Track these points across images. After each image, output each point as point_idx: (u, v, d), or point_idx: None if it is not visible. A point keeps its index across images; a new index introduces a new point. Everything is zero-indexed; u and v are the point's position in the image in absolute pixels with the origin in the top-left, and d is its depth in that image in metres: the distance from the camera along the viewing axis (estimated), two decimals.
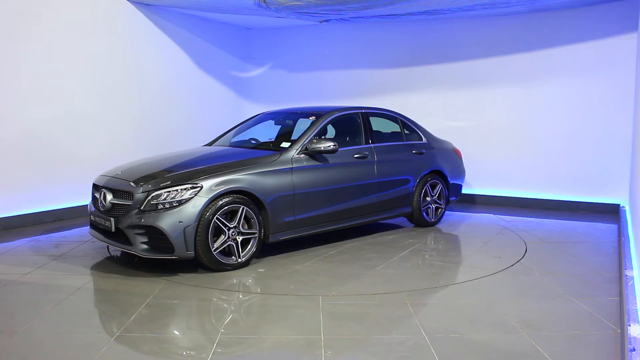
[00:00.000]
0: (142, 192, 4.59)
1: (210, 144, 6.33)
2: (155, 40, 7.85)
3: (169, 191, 4.55)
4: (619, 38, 7.15)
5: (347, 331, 3.50)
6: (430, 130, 8.51)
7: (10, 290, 4.24)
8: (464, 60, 8.23)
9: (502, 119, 8.04)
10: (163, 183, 4.62)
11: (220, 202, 4.61)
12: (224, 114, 8.96)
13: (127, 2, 7.38)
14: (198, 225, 4.50)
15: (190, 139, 8.33)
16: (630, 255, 4.72)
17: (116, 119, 7.37)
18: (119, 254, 5.30)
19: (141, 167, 5.14)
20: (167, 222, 4.44)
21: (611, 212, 7.24)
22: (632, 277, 4.02)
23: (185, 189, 4.56)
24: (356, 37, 8.93)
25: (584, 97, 7.44)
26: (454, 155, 7.10)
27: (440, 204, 6.69)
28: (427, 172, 6.48)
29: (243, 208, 4.74)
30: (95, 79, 7.07)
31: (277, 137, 6.13)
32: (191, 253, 4.53)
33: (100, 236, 4.97)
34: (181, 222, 4.45)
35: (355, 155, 5.78)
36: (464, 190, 8.36)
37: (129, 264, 4.94)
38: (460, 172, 7.09)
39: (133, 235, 4.54)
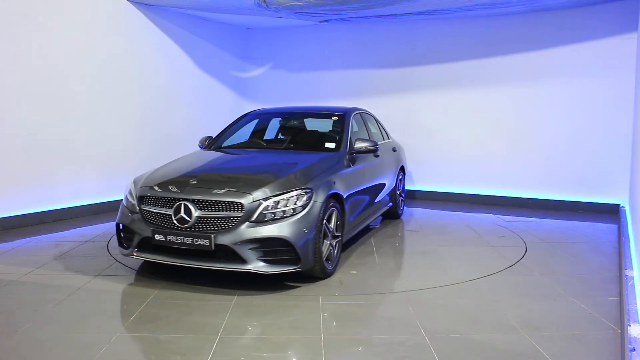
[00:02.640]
0: (254, 202, 4.12)
1: (210, 146, 5.92)
2: (155, 40, 7.86)
3: (284, 198, 4.18)
4: (619, 38, 7.15)
5: (347, 331, 3.50)
6: (430, 130, 8.55)
7: (10, 290, 4.24)
8: (464, 60, 8.23)
9: (502, 119, 8.04)
10: (277, 190, 4.22)
11: (327, 206, 4.44)
12: (224, 114, 8.95)
13: (127, 2, 7.38)
14: (317, 232, 4.24)
15: (190, 138, 8.32)
16: (630, 255, 4.72)
17: (116, 119, 7.37)
18: (119, 254, 5.29)
19: (215, 174, 4.67)
20: (292, 231, 4.07)
21: (611, 212, 7.24)
22: (632, 277, 4.02)
23: (300, 194, 4.23)
24: (356, 37, 8.93)
25: (584, 97, 7.44)
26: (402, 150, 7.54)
27: (403, 196, 7.31)
28: (399, 167, 7.03)
29: (334, 210, 4.61)
30: (95, 79, 7.07)
31: (293, 137, 6.06)
32: (311, 263, 4.24)
33: (173, 259, 4.24)
34: (305, 230, 4.13)
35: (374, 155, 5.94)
36: (465, 190, 8.38)
37: (129, 264, 4.94)
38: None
39: (246, 251, 4.03)
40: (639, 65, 6.20)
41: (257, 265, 4.05)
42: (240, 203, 4.11)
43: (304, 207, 4.20)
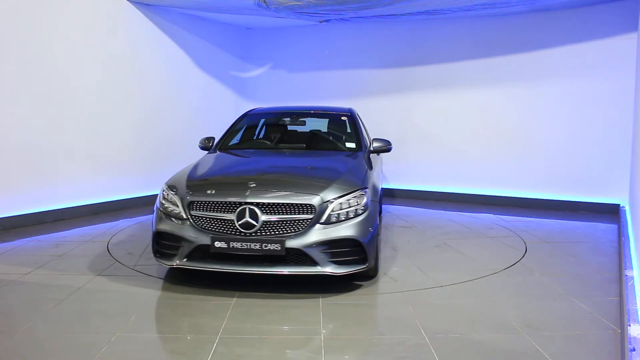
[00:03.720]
0: (323, 203, 4.07)
1: (221, 147, 5.73)
2: (155, 40, 7.86)
3: (348, 199, 4.17)
4: (619, 38, 7.15)
5: (347, 331, 3.50)
6: (430, 129, 8.55)
7: (10, 290, 4.24)
8: (464, 60, 8.23)
9: (502, 119, 8.04)
10: (341, 191, 4.20)
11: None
12: (223, 114, 8.95)
13: (128, 2, 7.38)
14: (377, 230, 4.27)
15: (190, 138, 8.32)
16: (630, 255, 4.72)
17: (116, 119, 7.37)
18: (119, 254, 5.30)
19: (269, 177, 4.53)
20: (361, 231, 4.07)
21: (611, 212, 7.24)
22: (632, 277, 4.02)
23: (361, 194, 4.24)
24: (356, 37, 8.92)
25: (584, 97, 7.44)
26: None
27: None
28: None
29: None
30: (95, 79, 7.07)
31: (311, 138, 6.04)
32: (373, 262, 4.24)
33: (234, 267, 4.05)
34: (370, 229, 4.16)
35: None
36: (465, 191, 8.38)
37: (129, 264, 4.94)
38: None
39: (318, 253, 3.98)
40: (639, 65, 6.20)
41: (328, 268, 4.00)
42: (312, 205, 4.04)
43: (365, 206, 4.21)
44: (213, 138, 5.83)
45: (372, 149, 5.49)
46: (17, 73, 6.22)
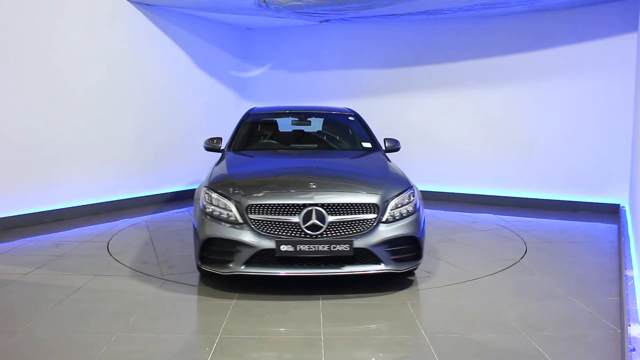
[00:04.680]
0: (384, 202, 4.13)
1: (234, 149, 5.45)
2: (155, 40, 7.86)
3: (402, 198, 4.24)
4: (619, 38, 7.15)
5: (347, 331, 3.50)
6: (430, 129, 8.54)
7: (10, 290, 4.24)
8: (464, 60, 8.23)
9: (503, 119, 8.04)
10: (396, 191, 4.27)
11: None
12: (224, 114, 8.96)
13: (128, 2, 7.38)
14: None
15: (190, 137, 8.35)
16: (630, 255, 4.72)
17: (116, 118, 7.37)
18: (119, 254, 5.30)
19: (324, 178, 4.45)
20: (417, 229, 4.19)
21: (611, 212, 7.24)
22: (632, 277, 4.02)
23: (411, 193, 4.33)
24: (356, 37, 8.92)
25: (584, 97, 7.44)
26: None
27: None
28: None
29: None
30: (95, 79, 7.07)
31: (327, 137, 6.04)
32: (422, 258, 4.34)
33: (299, 270, 3.98)
34: (422, 226, 4.29)
35: None
36: (465, 191, 8.37)
37: (129, 265, 4.94)
38: None
39: (382, 252, 4.03)
40: (639, 65, 6.20)
41: (391, 265, 4.06)
42: (375, 204, 4.08)
43: (416, 205, 4.30)
44: (221, 139, 5.58)
45: (385, 148, 5.58)
46: (17, 73, 6.23)
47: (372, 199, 4.10)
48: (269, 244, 3.92)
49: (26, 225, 6.39)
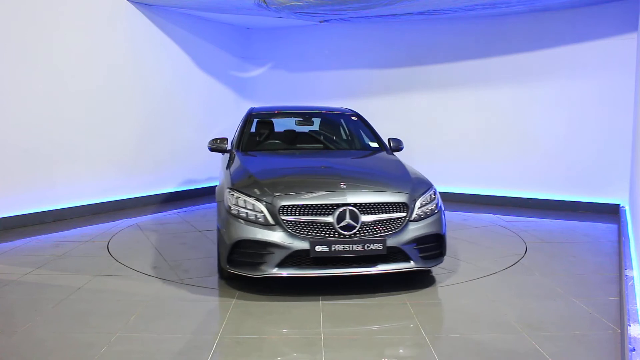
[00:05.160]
0: (412, 201, 4.20)
1: (242, 149, 5.37)
2: (155, 40, 7.86)
3: (425, 197, 4.32)
4: (619, 38, 7.14)
5: (347, 331, 3.50)
6: (430, 130, 8.54)
7: (10, 290, 4.24)
8: (464, 60, 8.23)
9: (503, 119, 8.04)
10: (420, 190, 4.34)
11: None
12: (224, 113, 8.97)
13: (128, 2, 7.38)
14: None
15: (189, 137, 8.35)
16: (630, 255, 4.72)
17: (116, 118, 7.37)
18: (119, 254, 5.30)
19: (352, 178, 4.47)
20: (442, 227, 4.31)
21: (611, 212, 7.24)
22: (632, 277, 4.02)
23: (434, 192, 4.45)
24: (356, 37, 8.92)
25: (584, 97, 7.44)
26: None
27: None
28: None
29: None
30: (95, 79, 7.07)
31: (332, 137, 6.07)
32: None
33: (333, 270, 3.99)
34: (445, 225, 4.39)
35: None
36: (465, 190, 8.37)
37: (129, 265, 4.94)
38: None
39: (412, 250, 4.10)
40: (639, 65, 6.20)
41: (420, 263, 4.15)
42: (405, 203, 4.15)
43: (437, 203, 4.39)
44: (226, 139, 5.44)
45: (390, 147, 5.63)
46: (17, 73, 6.23)
47: (402, 198, 4.16)
48: (302, 244, 3.90)
49: (26, 225, 6.39)
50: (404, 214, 4.12)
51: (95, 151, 7.12)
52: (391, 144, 5.65)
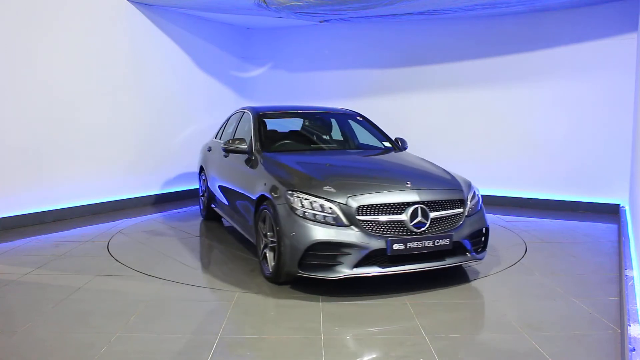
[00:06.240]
0: (466, 198, 4.46)
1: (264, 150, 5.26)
2: (155, 40, 7.86)
3: (472, 194, 4.59)
4: (619, 38, 7.14)
5: (347, 331, 3.50)
6: (430, 130, 8.54)
7: (10, 290, 4.24)
8: (464, 60, 8.23)
9: (503, 119, 8.04)
10: (466, 187, 4.59)
11: None
12: (223, 113, 8.95)
13: (128, 2, 7.38)
14: None
15: (189, 137, 8.35)
16: (630, 255, 4.72)
17: (116, 118, 7.37)
18: (119, 254, 5.30)
19: (415, 179, 4.49)
20: (486, 222, 4.56)
21: (611, 212, 7.24)
22: (632, 277, 4.02)
23: (473, 189, 4.69)
24: (356, 37, 8.92)
25: (584, 97, 7.44)
26: None
27: None
28: None
29: None
30: (95, 79, 7.07)
31: (346, 137, 6.15)
32: None
33: (408, 266, 4.07)
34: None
35: None
36: None
37: (129, 264, 4.94)
38: None
39: (469, 243, 4.35)
40: (639, 65, 6.20)
41: (476, 256, 4.43)
42: (462, 199, 4.40)
43: (479, 200, 4.65)
44: (244, 139, 5.27)
45: (400, 146, 5.82)
46: (16, 73, 6.22)
47: (460, 194, 4.41)
48: (379, 243, 3.94)
49: (26, 225, 6.39)
50: (461, 210, 4.35)
51: (95, 151, 7.12)
52: (399, 143, 5.84)
